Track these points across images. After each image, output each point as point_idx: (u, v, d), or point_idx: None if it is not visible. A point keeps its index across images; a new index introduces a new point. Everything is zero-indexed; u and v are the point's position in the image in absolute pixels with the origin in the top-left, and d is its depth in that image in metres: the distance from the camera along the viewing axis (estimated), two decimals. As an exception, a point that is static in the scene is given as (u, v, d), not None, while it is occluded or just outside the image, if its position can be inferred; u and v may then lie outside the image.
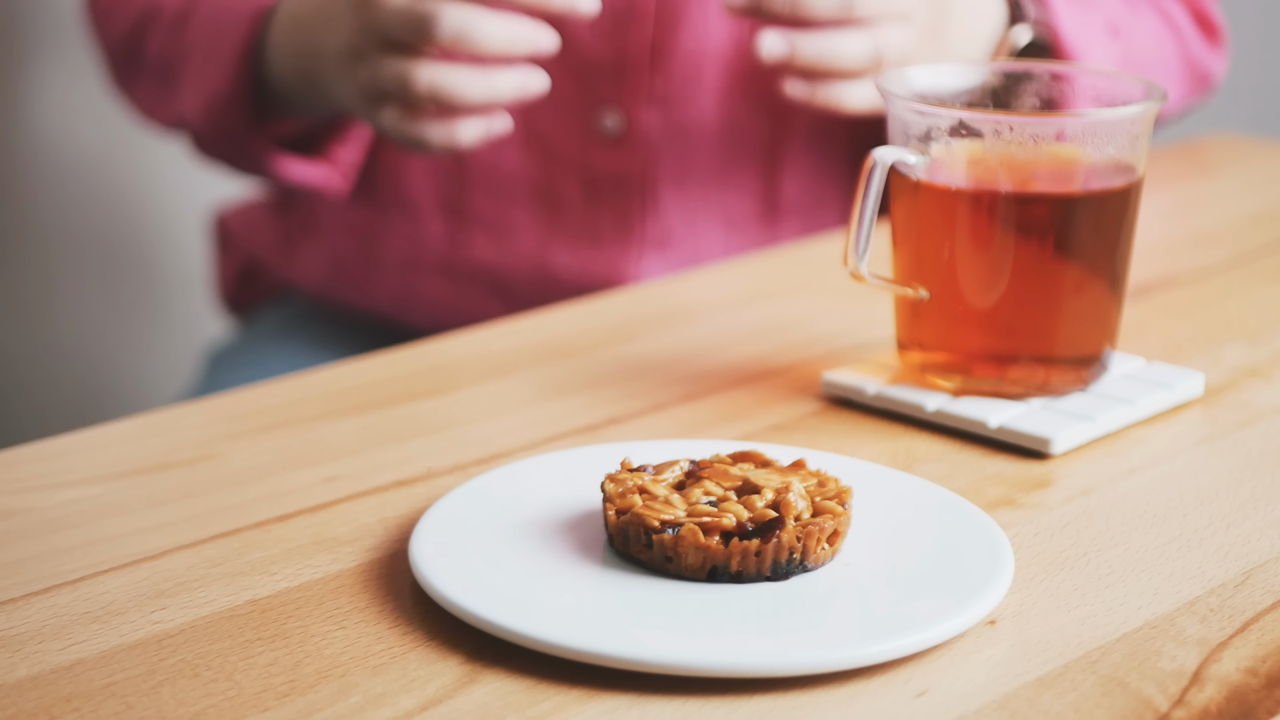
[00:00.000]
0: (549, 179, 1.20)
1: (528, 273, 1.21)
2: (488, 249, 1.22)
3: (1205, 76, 1.27)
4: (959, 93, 0.86)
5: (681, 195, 1.21)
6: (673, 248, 1.22)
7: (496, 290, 1.23)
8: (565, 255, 1.21)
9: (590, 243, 1.20)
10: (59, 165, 1.69)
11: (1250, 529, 0.73)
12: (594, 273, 1.21)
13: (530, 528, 0.70)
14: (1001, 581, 0.66)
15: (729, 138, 1.21)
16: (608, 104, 1.19)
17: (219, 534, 0.73)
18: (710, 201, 1.22)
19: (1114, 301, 0.84)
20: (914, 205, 0.83)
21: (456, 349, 0.94)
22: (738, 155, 1.21)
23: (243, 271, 1.35)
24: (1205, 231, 1.14)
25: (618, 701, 0.61)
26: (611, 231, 1.20)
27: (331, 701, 0.61)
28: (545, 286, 1.21)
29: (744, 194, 1.22)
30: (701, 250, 1.23)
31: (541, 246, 1.21)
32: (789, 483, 0.69)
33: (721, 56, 1.19)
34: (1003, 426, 0.81)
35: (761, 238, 1.23)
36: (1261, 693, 0.62)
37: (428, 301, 1.24)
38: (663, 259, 1.22)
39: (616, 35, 1.18)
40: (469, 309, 1.23)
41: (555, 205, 1.20)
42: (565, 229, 1.21)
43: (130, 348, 1.82)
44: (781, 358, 0.92)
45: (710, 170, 1.21)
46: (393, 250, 1.24)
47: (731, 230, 1.23)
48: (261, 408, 0.86)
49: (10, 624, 0.66)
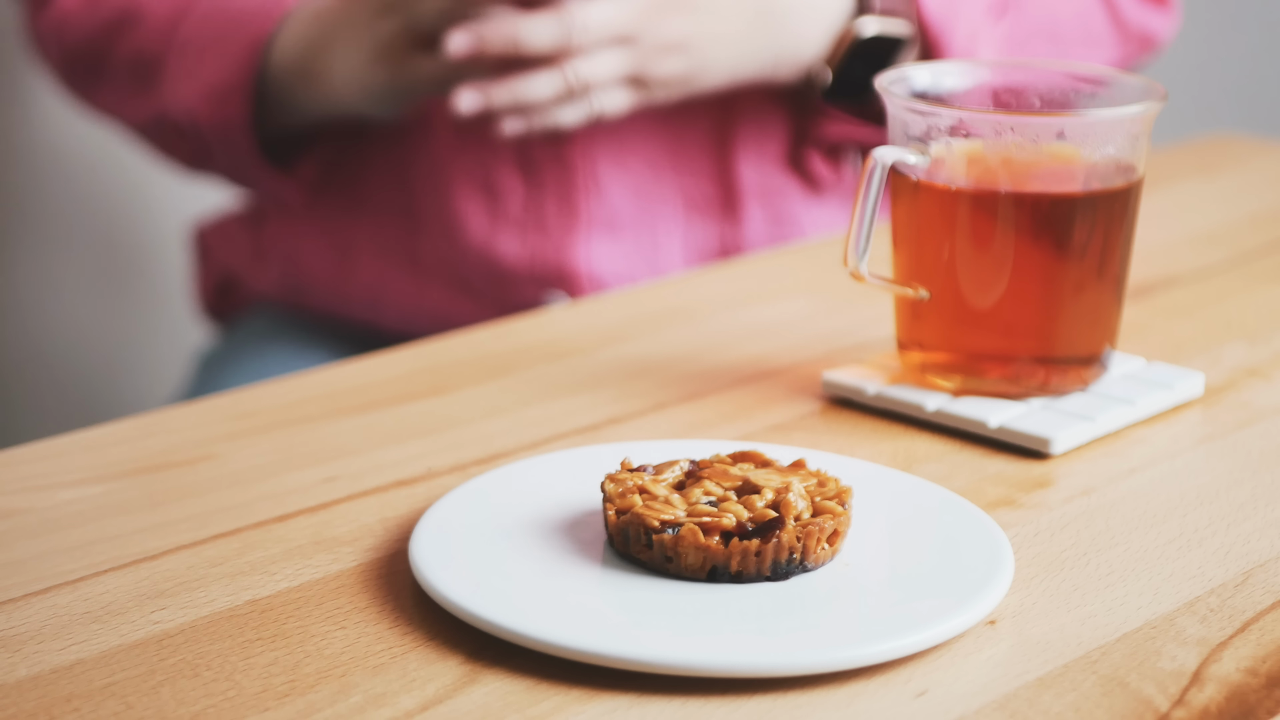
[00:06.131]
0: (486, 169, 1.21)
1: (479, 264, 1.22)
2: (440, 244, 1.23)
3: (1146, 38, 1.27)
4: (959, 92, 0.86)
5: (628, 177, 1.21)
6: (624, 231, 1.22)
7: (456, 285, 1.23)
8: (513, 244, 1.21)
9: (536, 230, 1.21)
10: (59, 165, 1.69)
11: (1250, 529, 0.73)
12: (543, 259, 1.21)
13: (530, 528, 0.70)
14: (1001, 581, 0.66)
15: (674, 118, 1.21)
16: None
17: (219, 534, 0.73)
18: (664, 184, 1.22)
19: (1114, 301, 0.84)
20: (914, 205, 0.83)
21: (456, 349, 0.94)
22: (687, 137, 1.22)
23: (220, 283, 1.37)
24: (1205, 231, 1.14)
25: (618, 701, 0.61)
26: (556, 217, 1.21)
27: (331, 701, 0.61)
28: (497, 277, 1.22)
29: (700, 177, 1.23)
30: (660, 235, 1.23)
31: (488, 237, 1.21)
32: (789, 483, 0.69)
33: None
34: (1003, 426, 0.81)
35: (725, 223, 1.23)
36: (1261, 693, 0.62)
37: (397, 302, 1.25)
38: (615, 242, 1.22)
39: None
40: (435, 307, 1.24)
41: (496, 195, 1.21)
42: (509, 218, 1.21)
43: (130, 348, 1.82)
44: (781, 358, 0.92)
45: (657, 152, 1.21)
46: (359, 254, 1.25)
47: (692, 213, 1.23)
48: (261, 408, 0.86)
49: (10, 624, 0.66)
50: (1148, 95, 0.82)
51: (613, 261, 1.22)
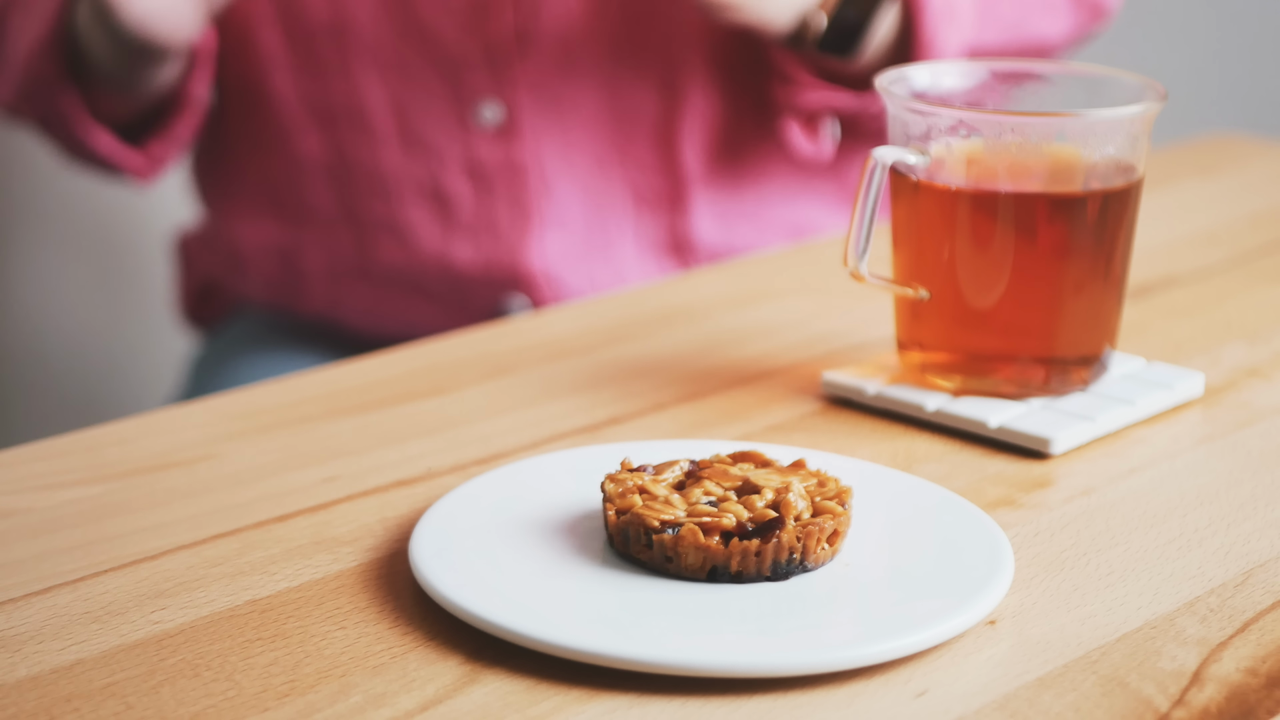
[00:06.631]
0: (434, 177, 1.21)
1: (434, 271, 1.22)
2: (393, 252, 1.23)
3: (1097, 7, 1.28)
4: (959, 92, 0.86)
5: (576, 176, 1.21)
6: (576, 229, 1.22)
7: (413, 291, 1.24)
8: (466, 249, 1.22)
9: (489, 234, 1.21)
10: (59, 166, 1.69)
11: (1250, 529, 0.73)
12: (497, 263, 1.22)
13: (530, 528, 0.70)
14: (1001, 581, 0.66)
15: (617, 114, 1.21)
16: (482, 96, 1.20)
17: (219, 534, 0.73)
18: (612, 180, 1.22)
19: (1114, 301, 0.84)
20: (914, 205, 0.83)
21: (456, 349, 0.94)
22: (631, 132, 1.22)
23: (201, 290, 1.37)
24: (1205, 231, 1.14)
25: (618, 701, 0.61)
26: (508, 220, 1.21)
27: (331, 701, 0.61)
28: (453, 282, 1.22)
29: (646, 170, 1.23)
30: (611, 229, 1.23)
31: (441, 244, 1.22)
32: (789, 483, 0.69)
33: (594, 34, 1.19)
34: (1003, 426, 0.81)
35: (673, 213, 1.24)
36: (1261, 693, 0.62)
37: (355, 308, 1.26)
38: (568, 241, 1.22)
39: (477, 26, 1.19)
40: (393, 312, 1.24)
41: (445, 202, 1.21)
42: (460, 224, 1.22)
43: (130, 348, 1.82)
44: (781, 358, 0.92)
45: (604, 148, 1.22)
46: (312, 263, 1.26)
47: (641, 206, 1.23)
48: (261, 408, 0.86)
49: (10, 624, 0.66)
50: (1148, 95, 0.82)
51: (566, 260, 1.22)
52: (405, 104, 1.21)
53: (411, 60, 1.19)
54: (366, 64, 1.20)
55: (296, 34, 1.21)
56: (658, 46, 1.20)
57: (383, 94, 1.21)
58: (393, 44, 1.20)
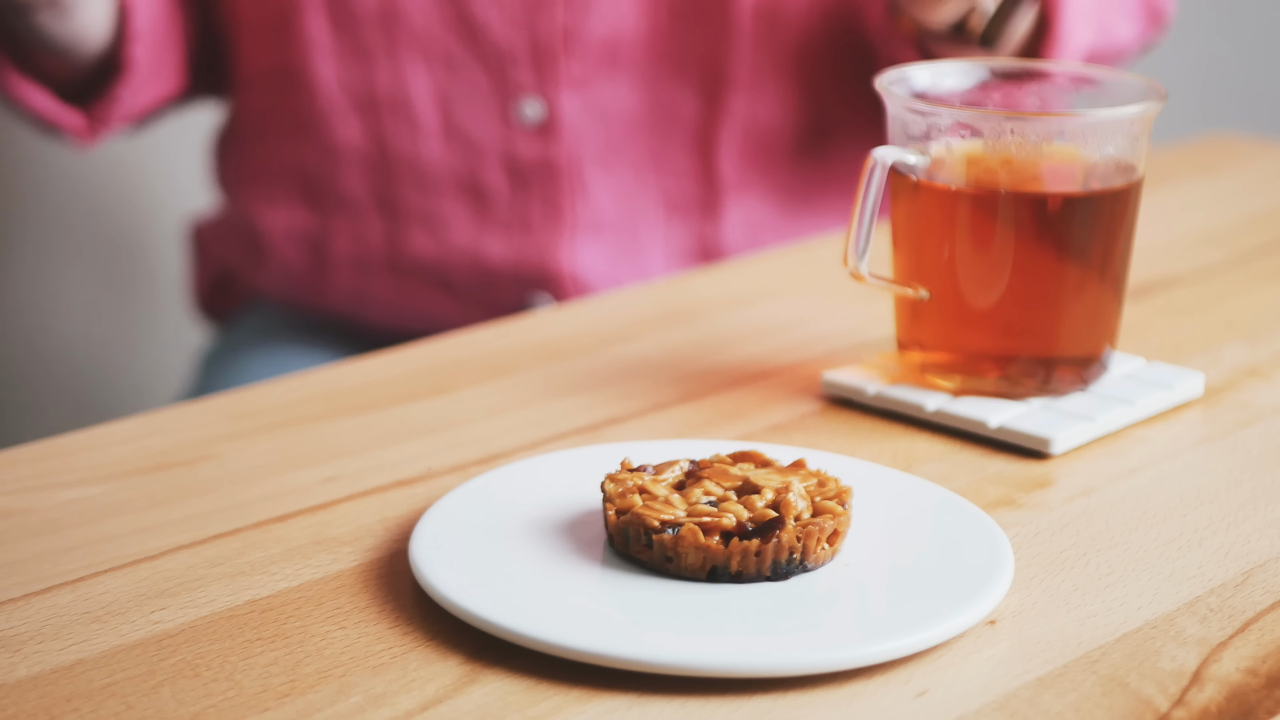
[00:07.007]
0: (473, 171, 1.21)
1: (464, 265, 1.22)
2: (425, 244, 1.23)
3: (1158, 15, 1.28)
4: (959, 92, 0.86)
5: (612, 179, 1.22)
6: (608, 232, 1.22)
7: (439, 284, 1.24)
8: (498, 245, 1.22)
9: (521, 231, 1.22)
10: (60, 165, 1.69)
11: (1250, 529, 0.73)
12: (528, 261, 1.22)
13: (530, 528, 0.70)
14: (1001, 581, 0.66)
15: (657, 119, 1.21)
16: (526, 92, 1.20)
17: (219, 534, 0.73)
18: (646, 185, 1.23)
19: (1114, 301, 0.84)
20: (914, 205, 0.83)
21: (456, 349, 0.94)
22: (669, 137, 1.22)
23: (217, 280, 1.37)
24: (1205, 231, 1.14)
25: (618, 701, 0.61)
26: (542, 219, 1.21)
27: (331, 701, 0.61)
28: (482, 277, 1.22)
29: (681, 176, 1.23)
30: (642, 234, 1.23)
31: (474, 238, 1.22)
32: (789, 483, 0.69)
33: (641, 38, 1.20)
34: (1003, 426, 0.81)
35: (704, 220, 1.24)
36: (1261, 693, 0.62)
37: (379, 300, 1.26)
38: (599, 243, 1.22)
39: (527, 22, 1.19)
40: (416, 305, 1.24)
41: (482, 196, 1.22)
42: (494, 219, 1.22)
43: (131, 347, 1.82)
44: (781, 358, 0.92)
45: (642, 153, 1.22)
46: (339, 252, 1.26)
47: (673, 213, 1.23)
48: (261, 408, 0.86)
49: (10, 624, 0.66)
50: (1148, 95, 0.82)
51: (596, 263, 1.22)
52: (449, 96, 1.21)
53: (458, 52, 1.20)
54: (413, 54, 1.20)
55: (344, 21, 1.21)
56: (702, 52, 1.21)
57: (427, 84, 1.21)
58: (440, 35, 1.20)
